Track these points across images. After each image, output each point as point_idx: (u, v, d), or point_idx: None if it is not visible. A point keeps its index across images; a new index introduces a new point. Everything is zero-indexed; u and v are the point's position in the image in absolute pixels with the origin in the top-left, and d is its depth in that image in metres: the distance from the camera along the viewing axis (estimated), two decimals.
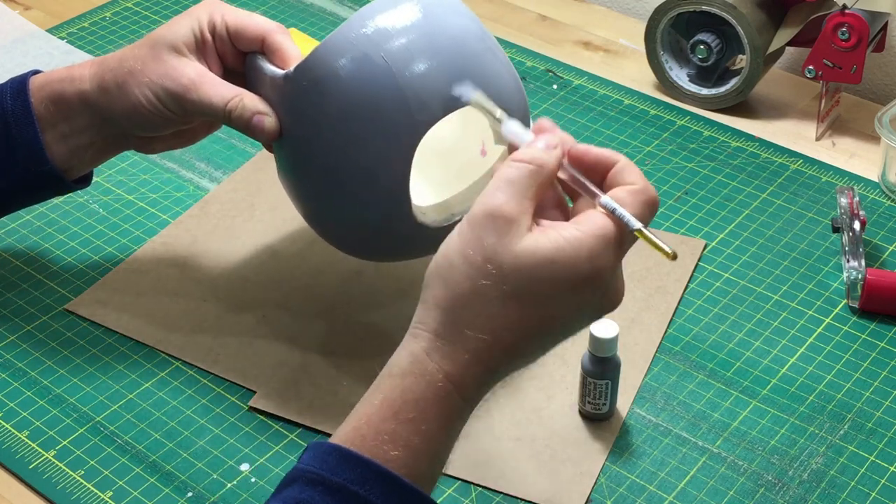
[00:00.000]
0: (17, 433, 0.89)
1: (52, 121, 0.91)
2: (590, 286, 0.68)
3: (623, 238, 0.69)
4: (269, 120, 0.85)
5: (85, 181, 0.97)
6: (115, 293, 1.00)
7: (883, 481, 0.86)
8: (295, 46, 0.89)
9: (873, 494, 0.85)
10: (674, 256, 0.68)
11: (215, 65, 0.90)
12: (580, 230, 0.68)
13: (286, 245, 1.05)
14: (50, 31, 1.33)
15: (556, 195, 0.73)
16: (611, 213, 0.69)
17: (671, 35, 1.23)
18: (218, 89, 0.87)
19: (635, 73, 1.29)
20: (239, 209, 1.09)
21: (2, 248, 1.05)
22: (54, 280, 1.02)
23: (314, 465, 0.67)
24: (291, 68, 0.85)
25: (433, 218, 0.86)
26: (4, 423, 0.90)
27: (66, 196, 1.10)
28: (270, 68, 0.87)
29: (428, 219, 0.85)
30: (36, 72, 0.94)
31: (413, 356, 0.69)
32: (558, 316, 0.69)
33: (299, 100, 0.84)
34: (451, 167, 0.91)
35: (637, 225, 0.68)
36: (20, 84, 0.92)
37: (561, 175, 0.71)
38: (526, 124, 0.87)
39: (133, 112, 0.88)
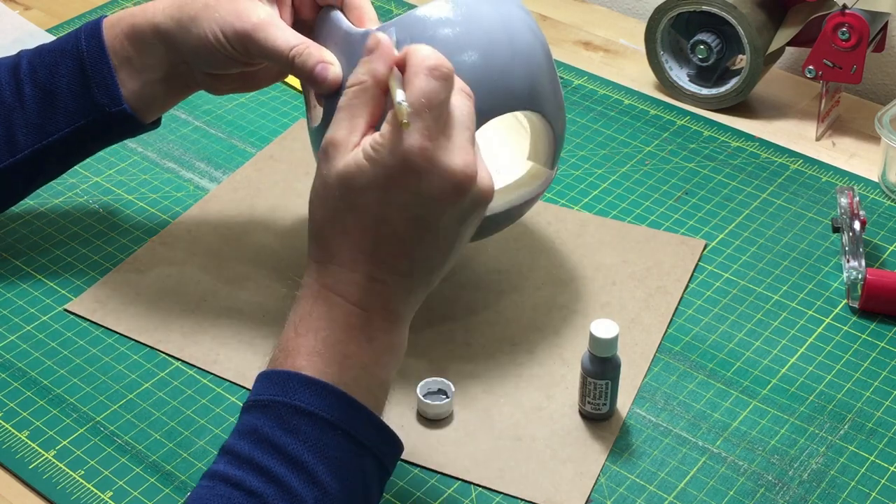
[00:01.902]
0: (17, 433, 0.89)
1: (125, 55, 0.94)
2: (407, 175, 0.73)
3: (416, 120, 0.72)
4: (333, 70, 0.86)
5: (155, 123, 1.00)
6: (115, 293, 1.00)
7: (883, 481, 0.86)
8: (372, 9, 0.91)
9: (873, 494, 0.85)
10: (405, 125, 0.71)
11: (288, 14, 0.92)
12: (380, 133, 0.74)
13: (286, 245, 1.05)
14: (50, 31, 1.33)
15: None
16: (398, 104, 0.73)
17: (671, 35, 1.23)
18: (285, 34, 0.88)
19: (635, 73, 1.29)
20: (239, 209, 1.09)
21: (2, 248, 1.05)
22: (54, 280, 1.02)
23: (250, 396, 0.76)
24: (373, 27, 0.87)
25: None
26: (4, 423, 0.90)
27: (66, 196, 1.10)
28: (348, 24, 0.88)
29: None
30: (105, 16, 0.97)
31: (302, 283, 0.78)
32: (396, 212, 0.74)
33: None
34: (490, 167, 0.92)
35: (398, 98, 0.72)
36: (95, 25, 0.95)
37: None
38: (561, 126, 0.92)
39: (200, 46, 0.91)
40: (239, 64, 0.92)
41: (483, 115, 0.83)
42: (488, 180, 0.75)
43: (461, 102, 0.75)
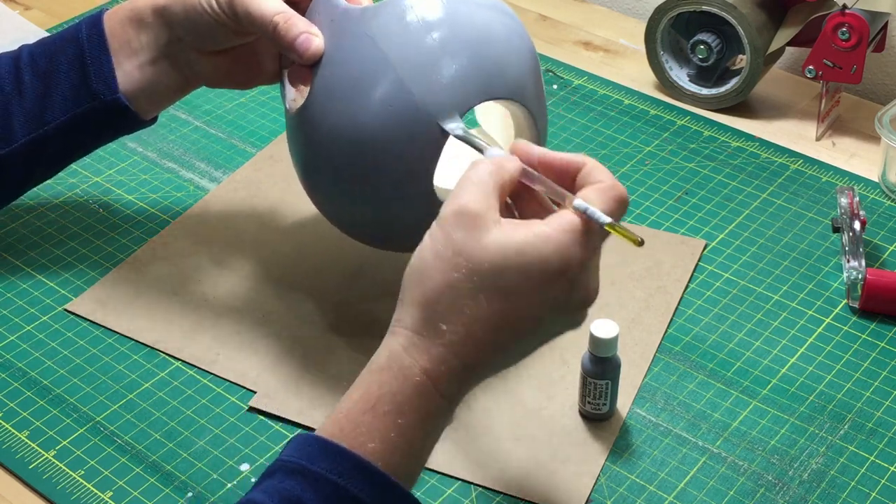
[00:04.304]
0: (17, 433, 0.89)
1: (125, 38, 0.94)
2: (559, 281, 0.70)
3: (590, 234, 0.71)
4: (317, 41, 0.86)
5: (152, 120, 1.00)
6: (115, 293, 1.00)
7: (883, 481, 0.86)
8: None
9: (873, 494, 0.85)
10: (640, 243, 0.70)
11: None
12: (549, 226, 0.70)
13: (286, 244, 1.05)
14: (50, 31, 1.33)
15: (537, 206, 0.75)
16: (582, 211, 0.71)
17: (671, 35, 1.23)
18: (272, 1, 0.88)
19: (635, 73, 1.29)
20: (239, 209, 1.09)
21: (2, 248, 1.05)
22: (54, 280, 1.02)
23: (295, 455, 0.69)
24: (372, 3, 0.87)
25: None
26: (4, 423, 0.90)
27: (66, 196, 1.10)
28: (344, 2, 0.87)
29: None
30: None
31: (391, 352, 0.71)
32: (529, 310, 0.71)
33: (358, 39, 0.84)
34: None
35: (606, 219, 0.70)
36: (96, 17, 0.96)
37: (535, 187, 0.74)
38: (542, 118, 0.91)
39: (191, 11, 0.91)
40: (228, 33, 0.91)
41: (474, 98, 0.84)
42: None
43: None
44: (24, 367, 0.94)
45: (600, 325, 0.86)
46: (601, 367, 0.87)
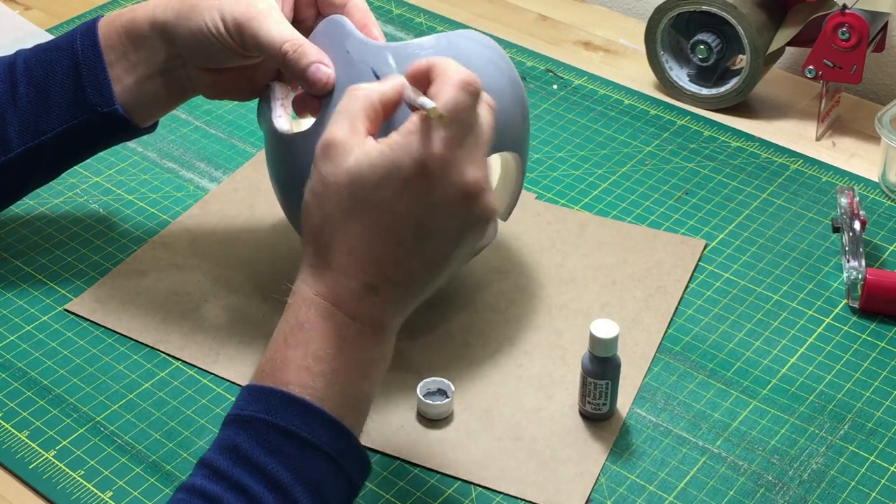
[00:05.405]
0: (17, 433, 0.89)
1: (122, 51, 0.94)
2: (419, 180, 0.72)
3: (436, 127, 0.72)
4: (329, 72, 0.86)
5: (150, 128, 0.99)
6: (115, 293, 1.00)
7: (883, 481, 0.86)
8: (372, 15, 0.91)
9: (873, 494, 0.85)
10: (441, 117, 0.72)
11: (289, 9, 0.91)
12: (398, 133, 0.73)
13: (286, 245, 1.05)
14: (50, 30, 1.33)
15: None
16: (419, 107, 0.72)
17: (671, 35, 1.23)
18: (282, 27, 0.87)
19: (635, 73, 1.29)
20: (239, 209, 1.09)
21: (2, 248, 1.05)
22: (54, 280, 1.02)
23: (233, 408, 0.74)
24: (377, 33, 0.88)
25: None
26: (4, 423, 0.90)
27: (66, 196, 1.10)
28: (357, 31, 0.87)
29: None
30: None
31: (294, 291, 0.76)
32: (402, 217, 0.73)
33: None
34: None
35: (429, 104, 0.72)
36: (91, 24, 0.95)
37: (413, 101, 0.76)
38: (523, 143, 0.92)
39: (197, 34, 0.90)
40: (235, 56, 0.91)
41: None
42: (494, 201, 0.75)
43: (484, 115, 0.75)
44: (24, 367, 0.94)
45: (600, 325, 0.86)
46: (601, 367, 0.87)
